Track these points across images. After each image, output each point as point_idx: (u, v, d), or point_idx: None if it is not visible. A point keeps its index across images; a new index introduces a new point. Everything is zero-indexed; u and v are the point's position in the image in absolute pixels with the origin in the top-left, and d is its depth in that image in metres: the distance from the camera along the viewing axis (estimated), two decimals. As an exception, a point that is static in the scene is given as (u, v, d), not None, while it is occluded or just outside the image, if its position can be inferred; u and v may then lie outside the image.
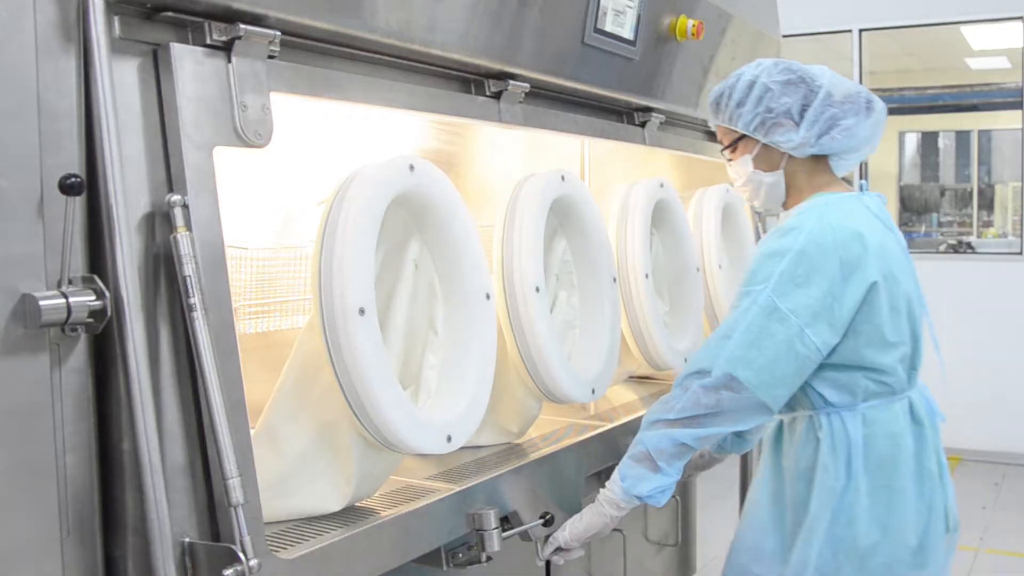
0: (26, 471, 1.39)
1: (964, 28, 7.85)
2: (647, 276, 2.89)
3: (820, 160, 2.34)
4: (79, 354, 1.46)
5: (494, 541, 2.07)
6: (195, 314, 1.51)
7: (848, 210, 2.25)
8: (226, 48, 1.65)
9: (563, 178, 2.51)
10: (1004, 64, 8.42)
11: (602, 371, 2.60)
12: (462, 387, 2.09)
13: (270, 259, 2.20)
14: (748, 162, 2.35)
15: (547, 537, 2.31)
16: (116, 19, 1.53)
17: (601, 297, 2.66)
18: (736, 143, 2.36)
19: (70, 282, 1.43)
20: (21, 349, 1.39)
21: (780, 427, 2.38)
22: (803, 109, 2.27)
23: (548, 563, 2.51)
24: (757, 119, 2.29)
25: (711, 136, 3.68)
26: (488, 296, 2.17)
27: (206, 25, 1.63)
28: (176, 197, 1.52)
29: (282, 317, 2.31)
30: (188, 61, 1.59)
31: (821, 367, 2.19)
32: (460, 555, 2.06)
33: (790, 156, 2.32)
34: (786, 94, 2.28)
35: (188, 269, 1.51)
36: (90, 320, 1.44)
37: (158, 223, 1.55)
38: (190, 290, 1.51)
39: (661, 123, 3.11)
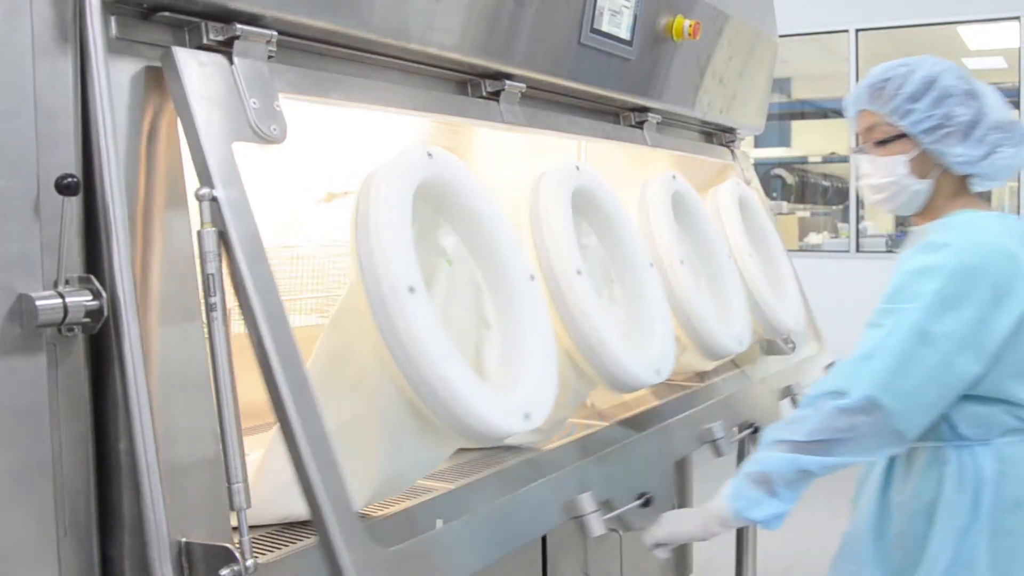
0: (23, 471, 1.39)
1: (961, 28, 7.86)
2: (682, 262, 2.75)
3: (965, 177, 2.23)
4: (76, 354, 1.46)
5: (594, 525, 2.00)
6: (215, 314, 1.49)
7: (997, 230, 2.14)
8: (226, 49, 1.65)
9: (578, 168, 2.44)
10: (1001, 64, 8.43)
11: (662, 351, 2.45)
12: (528, 366, 1.98)
13: (268, 259, 2.20)
14: (903, 164, 2.22)
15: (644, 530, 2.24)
16: (113, 19, 1.53)
17: (642, 280, 2.53)
18: (891, 139, 2.22)
19: (67, 282, 1.43)
20: (18, 349, 1.39)
21: (891, 458, 2.25)
22: (972, 125, 2.16)
23: (544, 557, 2.49)
24: (930, 122, 2.16)
25: (708, 137, 3.69)
26: (532, 277, 2.07)
27: (203, 25, 1.63)
28: (204, 190, 1.50)
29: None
30: (192, 63, 1.59)
31: (958, 397, 2.06)
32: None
33: (944, 168, 2.21)
34: (964, 104, 2.17)
35: (212, 267, 1.50)
36: (87, 320, 1.44)
37: (159, 223, 1.55)
38: (212, 289, 1.49)
39: (658, 123, 3.11)
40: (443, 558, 1.74)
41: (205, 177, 1.53)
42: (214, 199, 1.51)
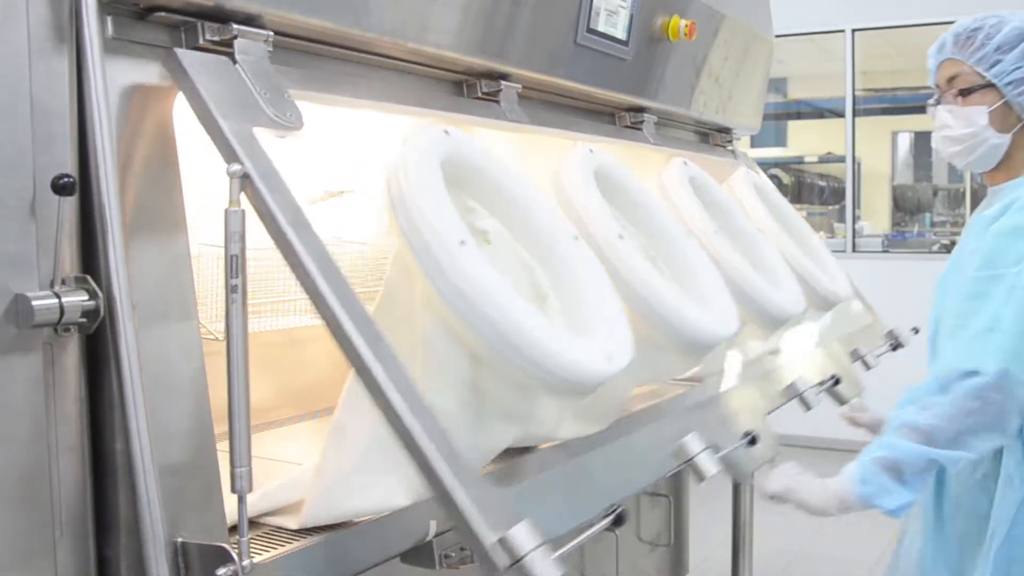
0: (18, 471, 1.39)
1: (957, 28, 7.86)
2: (715, 232, 2.63)
3: None
4: (72, 354, 1.46)
5: (707, 465, 1.93)
6: (235, 295, 1.47)
7: None
8: (225, 49, 1.65)
9: (591, 151, 2.38)
10: (996, 64, 8.42)
11: (724, 307, 2.29)
12: (597, 317, 1.86)
13: (261, 259, 2.20)
14: (983, 115, 2.19)
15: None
16: (109, 19, 1.53)
17: (684, 249, 2.40)
18: (974, 89, 2.21)
19: (63, 282, 1.43)
20: (13, 349, 1.39)
21: None
22: None
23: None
24: (1019, 73, 2.14)
25: (704, 137, 3.69)
26: (576, 238, 1.98)
27: (199, 25, 1.64)
28: (236, 167, 1.49)
29: (275, 317, 2.31)
30: (196, 62, 1.59)
31: None
32: (452, 555, 2.06)
33: None
34: None
35: (236, 248, 1.48)
36: (83, 320, 1.44)
37: (155, 223, 1.55)
38: (235, 270, 1.47)
39: (655, 124, 3.12)
40: (562, 498, 1.67)
41: (232, 158, 1.52)
42: (246, 175, 1.49)
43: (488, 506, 1.38)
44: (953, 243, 8.59)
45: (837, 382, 2.93)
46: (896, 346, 3.52)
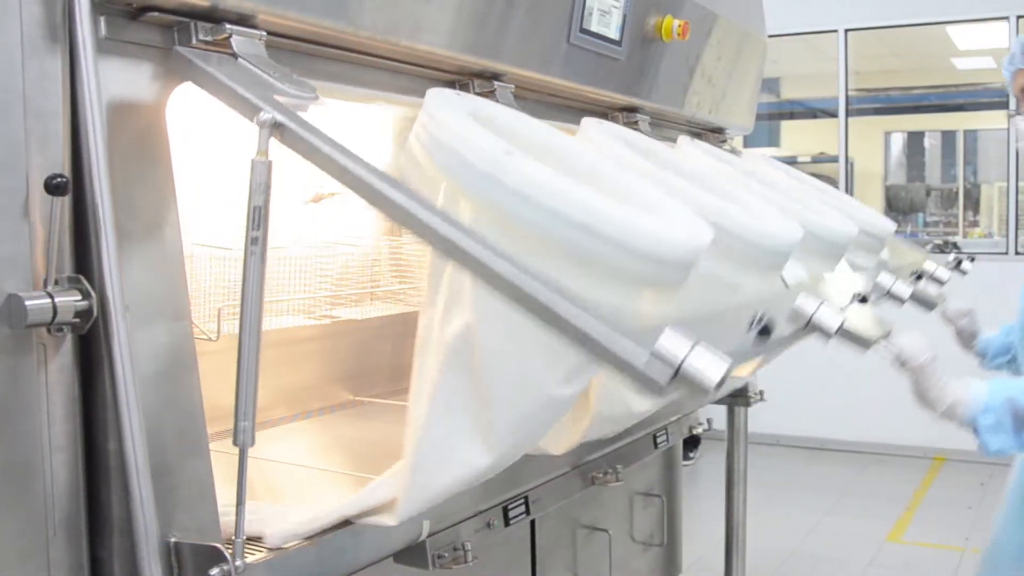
0: (12, 471, 1.39)
1: (950, 28, 7.89)
2: (746, 174, 2.59)
3: None
4: (65, 354, 1.46)
5: (831, 319, 1.83)
6: (255, 247, 1.47)
7: None
8: (221, 49, 1.66)
9: (601, 122, 2.36)
10: (990, 64, 8.46)
11: (784, 221, 2.19)
12: (666, 208, 1.76)
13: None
14: None
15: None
16: (102, 19, 1.53)
17: (723, 184, 2.31)
18: None
19: (56, 282, 1.43)
20: (7, 349, 1.39)
21: None
22: None
23: (533, 556, 2.48)
24: None
25: (697, 137, 3.69)
26: (621, 165, 1.91)
27: (192, 25, 1.63)
28: (266, 115, 1.47)
29: (267, 318, 2.31)
30: (203, 56, 1.60)
31: None
32: (445, 555, 2.06)
33: None
34: None
35: (259, 199, 1.47)
36: (76, 320, 1.44)
37: (149, 223, 1.55)
38: (257, 222, 1.47)
39: (648, 123, 3.12)
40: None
41: (257, 111, 1.50)
42: (276, 123, 1.48)
43: (628, 333, 1.25)
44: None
45: (919, 277, 2.95)
46: (960, 264, 3.59)
